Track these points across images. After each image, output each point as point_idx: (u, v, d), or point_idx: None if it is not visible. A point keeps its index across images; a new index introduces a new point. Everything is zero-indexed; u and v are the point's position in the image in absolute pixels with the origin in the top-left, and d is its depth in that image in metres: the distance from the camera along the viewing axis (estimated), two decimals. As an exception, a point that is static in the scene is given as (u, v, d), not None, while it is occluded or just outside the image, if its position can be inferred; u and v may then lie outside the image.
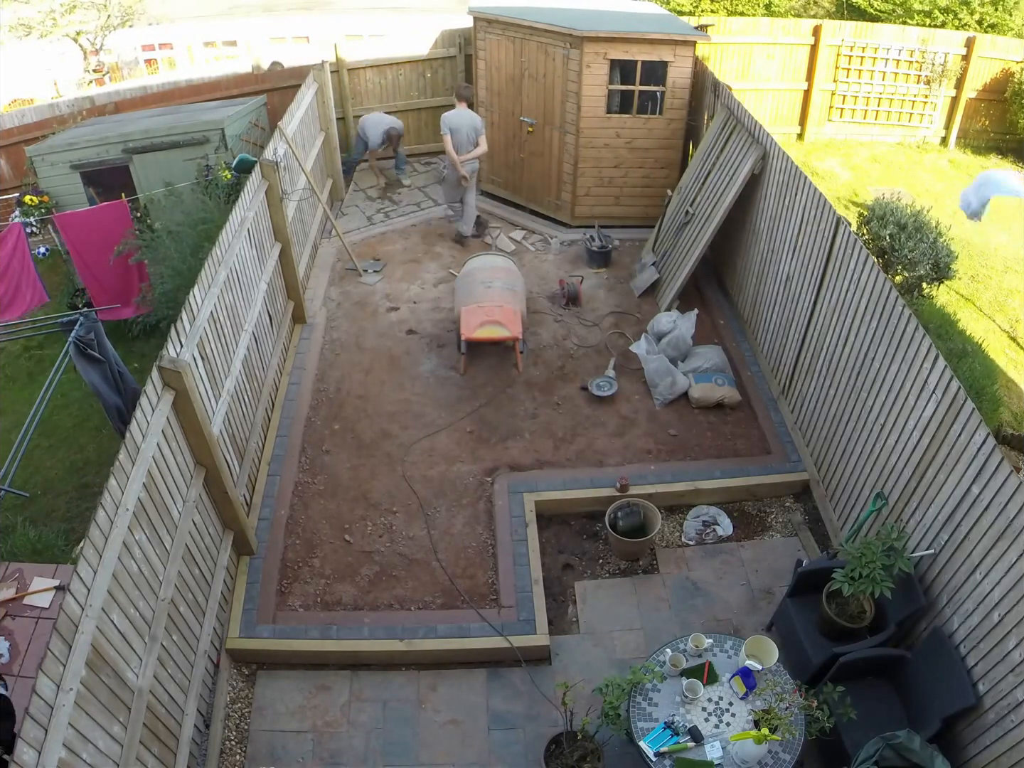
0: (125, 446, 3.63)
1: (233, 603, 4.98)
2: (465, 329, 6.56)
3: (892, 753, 3.67)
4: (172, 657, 4.05)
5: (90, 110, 9.53)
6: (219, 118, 8.52)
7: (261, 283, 6.24)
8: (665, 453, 6.10)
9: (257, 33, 14.56)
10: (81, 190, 8.47)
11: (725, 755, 3.88)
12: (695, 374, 6.59)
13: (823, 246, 5.51)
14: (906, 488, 4.47)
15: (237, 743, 4.44)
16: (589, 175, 8.50)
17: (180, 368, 4.09)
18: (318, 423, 6.36)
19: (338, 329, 7.38)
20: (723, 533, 5.61)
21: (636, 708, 4.10)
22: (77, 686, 3.04)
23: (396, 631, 4.88)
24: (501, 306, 6.64)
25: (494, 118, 8.98)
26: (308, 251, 8.14)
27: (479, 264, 7.08)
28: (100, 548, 3.35)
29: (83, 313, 5.22)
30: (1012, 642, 3.46)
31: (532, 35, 8.05)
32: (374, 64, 9.86)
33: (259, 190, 6.27)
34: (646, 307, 7.66)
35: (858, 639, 4.35)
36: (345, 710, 4.60)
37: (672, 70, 7.89)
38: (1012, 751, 3.43)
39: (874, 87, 11.18)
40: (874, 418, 4.86)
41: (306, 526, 5.54)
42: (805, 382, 5.96)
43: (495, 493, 5.75)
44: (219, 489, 4.73)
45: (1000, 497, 3.61)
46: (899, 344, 4.53)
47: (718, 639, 4.40)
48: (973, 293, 8.60)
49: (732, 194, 6.84)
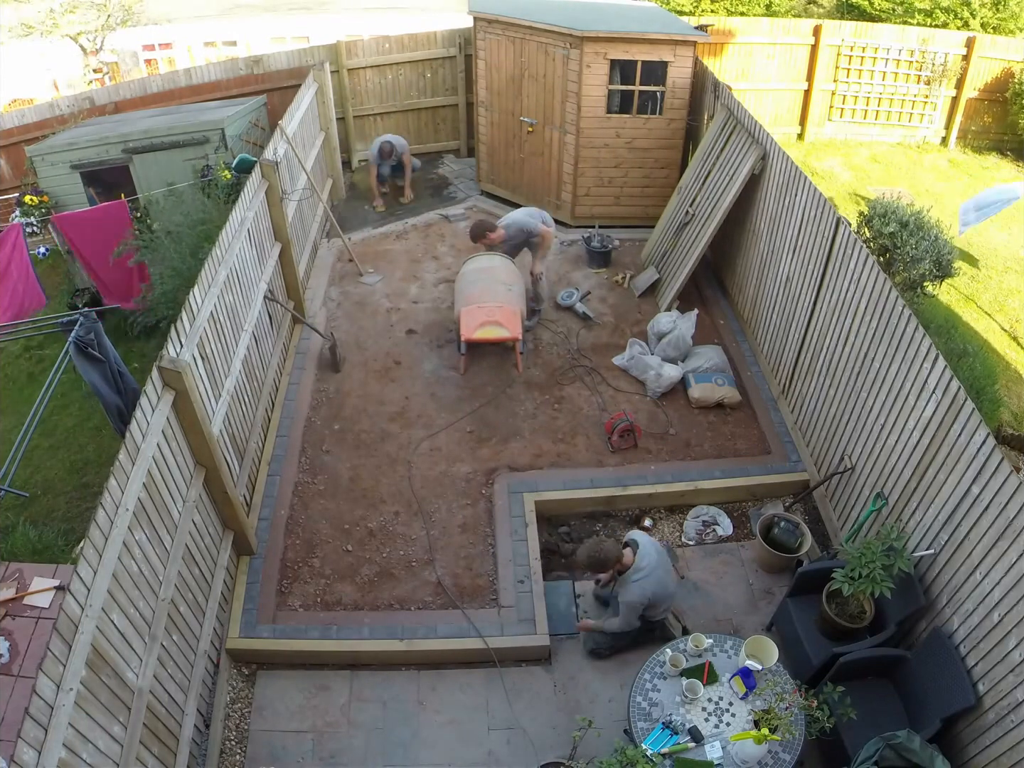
0: (125, 446, 3.63)
1: (233, 603, 4.98)
2: (465, 330, 6.53)
3: (892, 753, 3.67)
4: (172, 657, 4.05)
5: (90, 110, 9.52)
6: (219, 118, 8.52)
7: (261, 283, 6.24)
8: (665, 453, 6.09)
9: (257, 33, 14.58)
10: (81, 190, 8.47)
11: (725, 755, 3.88)
12: (695, 374, 6.59)
13: (823, 246, 5.51)
14: (906, 488, 4.47)
15: (237, 743, 4.44)
16: (589, 175, 8.50)
17: (180, 368, 4.09)
18: (318, 423, 6.36)
19: (338, 329, 7.37)
20: (723, 533, 5.61)
21: (636, 708, 4.10)
22: (77, 686, 3.04)
23: (396, 631, 4.88)
24: (501, 306, 6.61)
25: (494, 118, 8.98)
26: (308, 251, 8.14)
27: (478, 265, 7.04)
28: (100, 548, 3.35)
29: (83, 313, 5.22)
30: (1012, 642, 3.46)
31: (532, 35, 8.05)
32: (374, 64, 9.86)
33: (259, 190, 6.27)
34: (646, 307, 7.66)
35: (858, 639, 4.35)
36: (345, 710, 4.60)
37: (672, 70, 7.88)
38: (1012, 751, 3.44)
39: (874, 87, 11.18)
40: (874, 418, 4.86)
41: (306, 526, 5.54)
42: (805, 382, 5.96)
43: (495, 493, 5.75)
44: (219, 489, 4.73)
45: (1000, 497, 3.61)
46: (899, 344, 4.53)
47: (718, 639, 4.39)
48: (973, 293, 8.60)
49: (732, 194, 6.84)
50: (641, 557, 4.52)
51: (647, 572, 4.48)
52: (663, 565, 4.63)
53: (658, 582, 4.52)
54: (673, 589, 4.71)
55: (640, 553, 4.54)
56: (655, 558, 4.54)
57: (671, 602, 4.73)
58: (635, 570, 4.49)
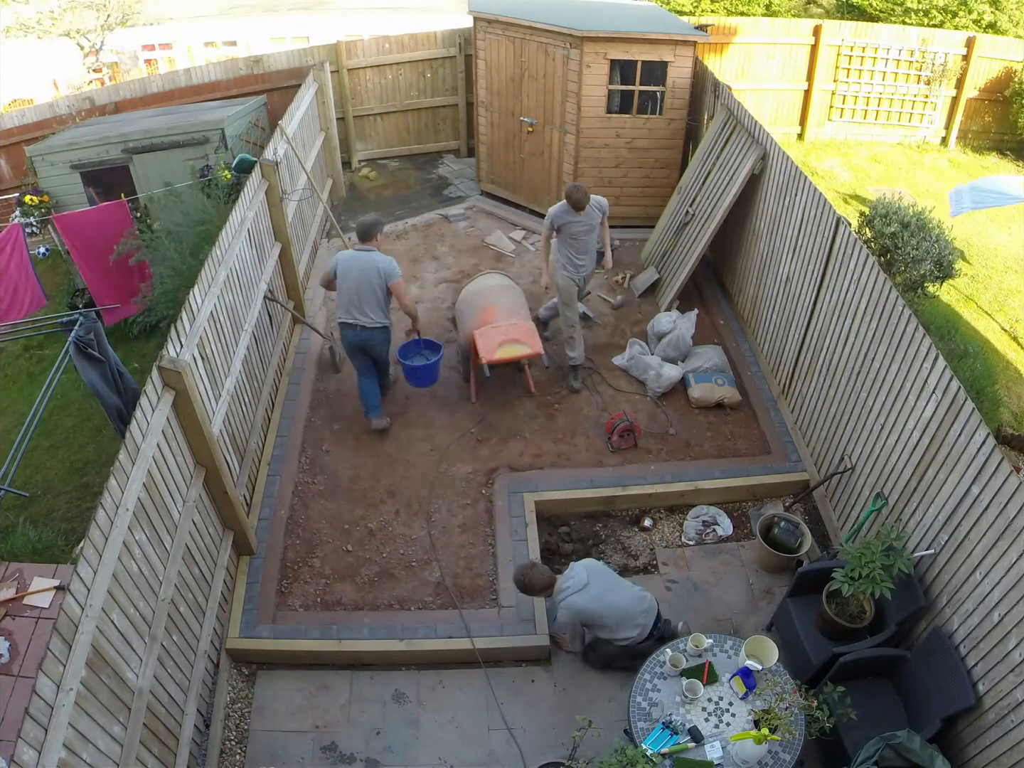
0: (125, 446, 3.63)
1: (233, 603, 4.98)
2: (485, 352, 6.08)
3: (892, 753, 3.67)
4: (172, 657, 4.05)
5: (90, 110, 9.53)
6: (219, 118, 8.52)
7: (261, 283, 6.24)
8: (665, 453, 6.10)
9: (257, 33, 14.59)
10: (81, 190, 8.47)
11: (725, 755, 3.87)
12: (695, 374, 6.59)
13: (823, 246, 5.51)
14: (906, 488, 4.47)
15: (237, 743, 4.44)
16: (589, 175, 8.49)
17: (180, 368, 4.08)
18: (318, 423, 6.36)
19: (338, 329, 7.35)
20: (723, 533, 5.61)
21: (636, 708, 4.10)
22: (77, 686, 3.04)
23: (396, 631, 4.88)
24: (515, 323, 6.31)
25: (494, 118, 8.98)
26: (308, 251, 8.14)
27: (477, 287, 6.83)
28: (100, 548, 3.35)
29: (83, 313, 5.22)
30: (1012, 642, 3.46)
31: (532, 35, 8.05)
32: (374, 64, 9.87)
33: (259, 190, 6.27)
34: (646, 307, 7.66)
35: (858, 639, 4.35)
36: (345, 710, 4.60)
37: (672, 70, 7.88)
38: (1012, 751, 3.43)
39: (874, 87, 11.18)
40: (874, 418, 4.86)
41: (306, 526, 5.54)
42: (805, 382, 5.96)
43: (495, 493, 5.75)
44: (219, 489, 4.73)
45: (1000, 497, 3.61)
46: (899, 344, 4.53)
47: (718, 639, 4.39)
48: (973, 293, 8.60)
49: (732, 194, 6.84)
50: (565, 578, 4.51)
51: (570, 591, 4.44)
52: (604, 583, 4.52)
53: (593, 599, 4.43)
54: (628, 605, 4.52)
55: (565, 575, 4.54)
56: (584, 577, 4.47)
57: (628, 619, 4.50)
58: (558, 591, 4.50)
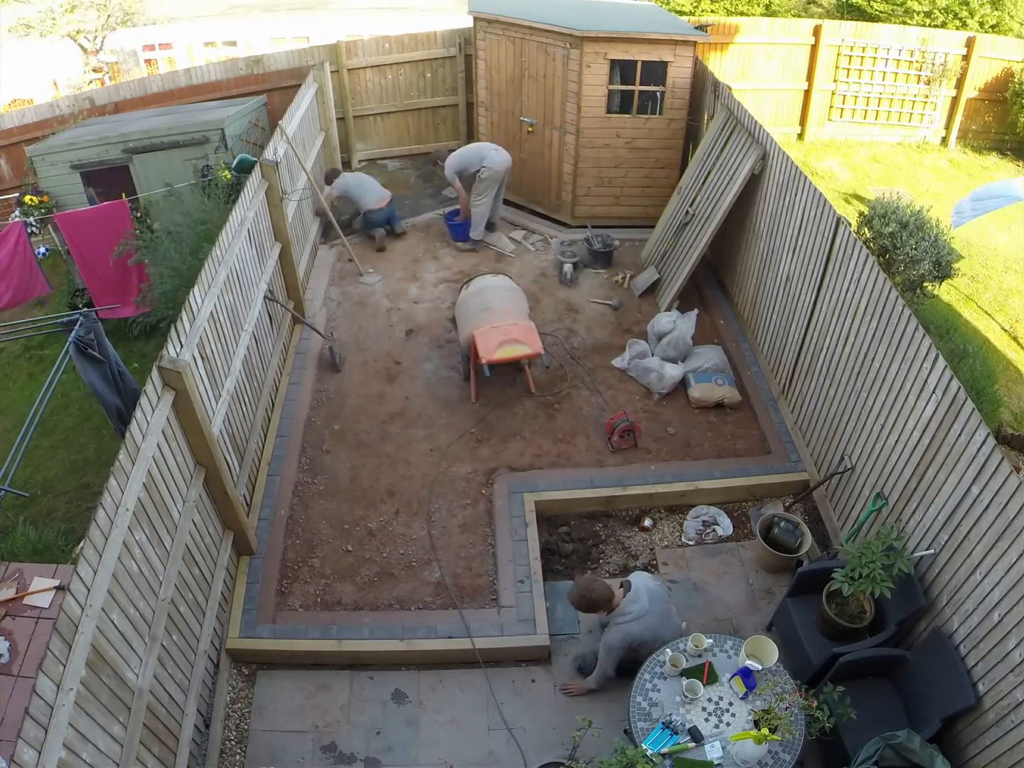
0: (125, 446, 3.63)
1: (233, 603, 4.98)
2: (484, 352, 6.08)
3: (892, 753, 3.67)
4: (172, 657, 4.05)
5: (90, 110, 9.52)
6: (219, 118, 8.52)
7: (261, 283, 6.24)
8: (665, 453, 6.09)
9: (257, 33, 14.59)
10: (81, 190, 8.47)
11: (725, 755, 3.87)
12: (695, 374, 6.59)
13: (823, 246, 5.51)
14: (906, 488, 4.47)
15: (237, 743, 4.44)
16: (589, 175, 8.50)
17: (180, 368, 4.09)
18: (318, 423, 6.36)
19: (338, 329, 7.38)
20: (723, 533, 5.61)
21: (636, 708, 4.10)
22: (77, 686, 3.04)
23: (396, 631, 4.88)
24: (516, 323, 6.30)
25: (494, 118, 8.99)
26: (308, 251, 8.14)
27: (477, 288, 6.82)
28: (100, 548, 3.35)
29: (83, 313, 5.22)
30: (1012, 642, 3.46)
31: (532, 35, 8.05)
32: (374, 64, 9.87)
33: (259, 190, 6.27)
34: (646, 307, 7.66)
35: (858, 639, 4.35)
36: (345, 710, 4.60)
37: (672, 70, 7.89)
38: (1012, 751, 3.43)
39: (874, 87, 11.18)
40: (874, 418, 4.86)
41: (306, 526, 5.54)
42: (805, 382, 5.96)
43: (495, 493, 5.75)
44: (219, 489, 4.73)
45: (1000, 497, 3.61)
46: (899, 344, 4.53)
47: (718, 639, 4.39)
48: (973, 293, 8.60)
49: (732, 194, 6.84)
50: (629, 601, 4.36)
51: (633, 617, 4.33)
52: (658, 611, 4.43)
53: (647, 627, 4.34)
54: (667, 635, 4.44)
55: (629, 597, 4.37)
56: (645, 604, 4.34)
57: (661, 646, 4.38)
58: (620, 613, 4.35)
